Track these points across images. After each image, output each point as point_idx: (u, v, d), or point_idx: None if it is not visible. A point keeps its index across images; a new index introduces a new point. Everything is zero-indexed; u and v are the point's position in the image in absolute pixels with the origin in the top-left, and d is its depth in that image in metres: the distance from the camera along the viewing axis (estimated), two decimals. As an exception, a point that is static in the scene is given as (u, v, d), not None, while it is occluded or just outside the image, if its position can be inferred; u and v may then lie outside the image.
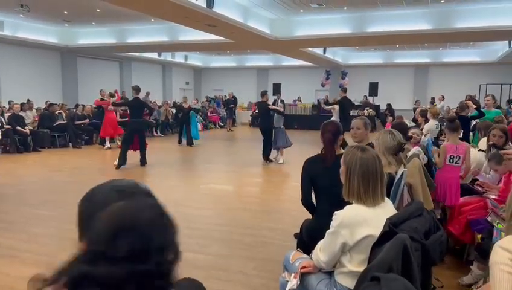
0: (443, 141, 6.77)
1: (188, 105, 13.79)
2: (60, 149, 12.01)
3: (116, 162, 8.93)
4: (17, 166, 9.34)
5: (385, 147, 3.29)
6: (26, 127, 11.55)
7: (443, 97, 16.44)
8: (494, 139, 4.31)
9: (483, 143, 5.06)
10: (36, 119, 12.85)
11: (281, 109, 10.01)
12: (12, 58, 15.97)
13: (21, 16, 13.38)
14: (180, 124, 14.00)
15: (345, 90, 11.22)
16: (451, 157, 4.35)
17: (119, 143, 11.72)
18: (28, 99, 14.06)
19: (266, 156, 10.04)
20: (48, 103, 13.84)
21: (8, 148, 11.03)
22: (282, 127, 9.93)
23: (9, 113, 11.68)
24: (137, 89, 9.29)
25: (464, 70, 21.02)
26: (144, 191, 0.93)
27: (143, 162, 9.26)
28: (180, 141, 13.58)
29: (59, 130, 12.51)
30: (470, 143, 5.91)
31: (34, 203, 6.02)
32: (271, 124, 9.86)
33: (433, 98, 16.66)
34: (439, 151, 4.58)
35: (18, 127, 11.20)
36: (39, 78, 17.01)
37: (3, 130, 10.93)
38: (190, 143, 13.03)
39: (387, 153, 3.23)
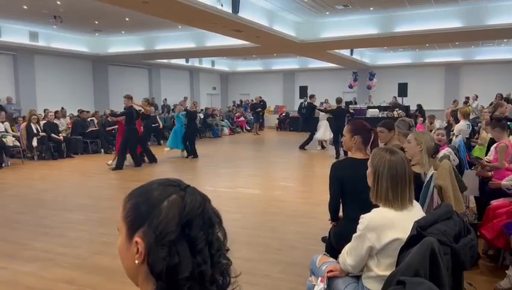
0: (475, 141, 6.58)
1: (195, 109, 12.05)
2: (92, 155, 12.35)
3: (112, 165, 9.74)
4: (52, 172, 9.66)
5: (427, 148, 3.21)
6: (60, 134, 11.96)
7: (477, 96, 15.95)
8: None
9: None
10: (69, 126, 13.27)
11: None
12: (47, 68, 16.60)
13: (54, 27, 13.87)
14: (191, 133, 11.67)
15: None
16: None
17: None
18: (62, 107, 14.55)
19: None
20: (79, 110, 14.27)
21: (43, 154, 11.43)
22: None
23: (44, 121, 12.12)
24: (130, 98, 9.86)
25: (498, 69, 20.32)
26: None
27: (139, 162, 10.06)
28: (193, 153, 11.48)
29: (91, 137, 12.88)
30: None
31: (69, 208, 6.22)
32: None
33: (467, 98, 16.19)
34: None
35: (53, 134, 11.60)
36: (72, 86, 17.59)
37: (39, 137, 11.34)
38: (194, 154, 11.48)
39: (427, 154, 3.17)
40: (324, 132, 12.71)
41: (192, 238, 0.87)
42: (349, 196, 2.87)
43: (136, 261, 0.89)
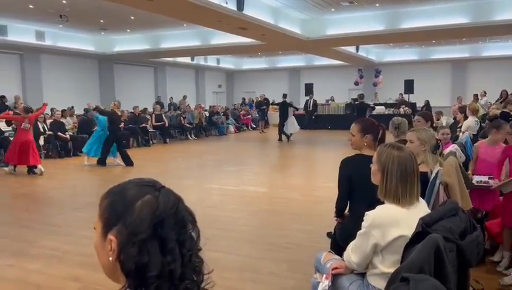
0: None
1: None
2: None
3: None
4: (59, 171, 9.72)
5: (431, 145, 3.18)
6: (66, 133, 12.02)
7: (485, 93, 15.79)
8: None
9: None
10: (76, 125, 13.35)
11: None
12: (53, 67, 16.70)
13: (60, 26, 13.94)
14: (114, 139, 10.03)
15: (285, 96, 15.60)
16: None
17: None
18: (72, 106, 14.68)
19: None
20: (85, 109, 14.37)
21: (49, 153, 11.51)
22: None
23: (51, 120, 12.19)
24: None
25: (506, 65, 20.11)
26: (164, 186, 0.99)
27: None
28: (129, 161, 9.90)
29: (97, 135, 12.91)
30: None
31: (75, 206, 6.24)
32: None
33: (475, 95, 16.07)
34: None
35: (59, 133, 11.67)
36: (78, 85, 17.67)
37: (45, 136, 11.41)
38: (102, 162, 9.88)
39: (430, 151, 3.14)
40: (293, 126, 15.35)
41: (163, 237, 0.89)
42: (357, 192, 2.86)
43: (110, 258, 0.91)
